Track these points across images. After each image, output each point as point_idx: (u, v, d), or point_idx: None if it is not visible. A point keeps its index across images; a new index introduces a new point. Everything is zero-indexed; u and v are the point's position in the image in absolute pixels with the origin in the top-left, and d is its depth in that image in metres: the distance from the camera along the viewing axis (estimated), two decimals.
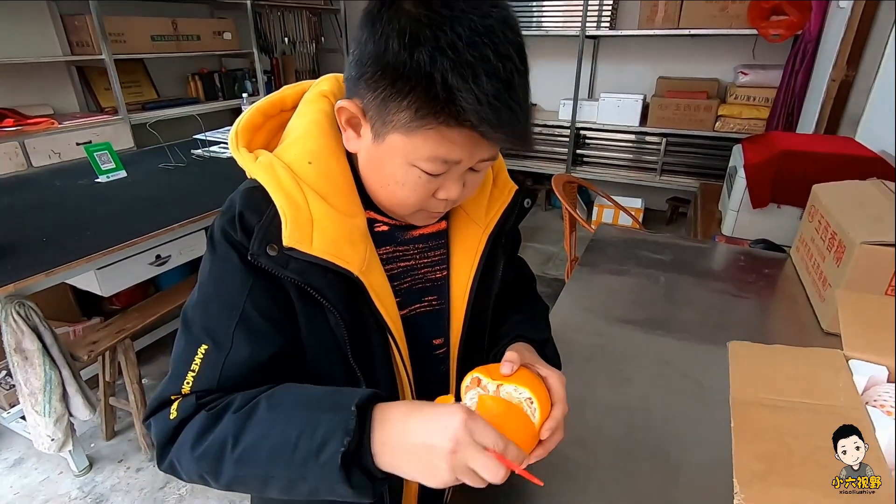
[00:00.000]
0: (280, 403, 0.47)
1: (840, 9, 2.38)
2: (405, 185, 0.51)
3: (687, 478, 0.68)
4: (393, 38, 0.44)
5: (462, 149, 0.48)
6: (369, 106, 0.49)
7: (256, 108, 0.58)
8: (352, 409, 0.44)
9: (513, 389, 0.49)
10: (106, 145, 2.09)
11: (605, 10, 3.27)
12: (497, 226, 0.62)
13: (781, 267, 1.31)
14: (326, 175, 0.53)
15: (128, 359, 1.66)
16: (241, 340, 0.51)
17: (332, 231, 0.51)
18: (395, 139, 0.48)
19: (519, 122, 0.46)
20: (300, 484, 0.45)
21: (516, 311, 0.71)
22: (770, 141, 1.66)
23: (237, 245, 0.51)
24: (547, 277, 2.94)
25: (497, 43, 0.43)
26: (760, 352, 0.60)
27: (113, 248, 1.47)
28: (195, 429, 0.48)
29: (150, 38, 2.89)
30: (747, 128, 3.10)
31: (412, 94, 0.44)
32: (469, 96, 0.43)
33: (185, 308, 0.54)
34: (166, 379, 0.52)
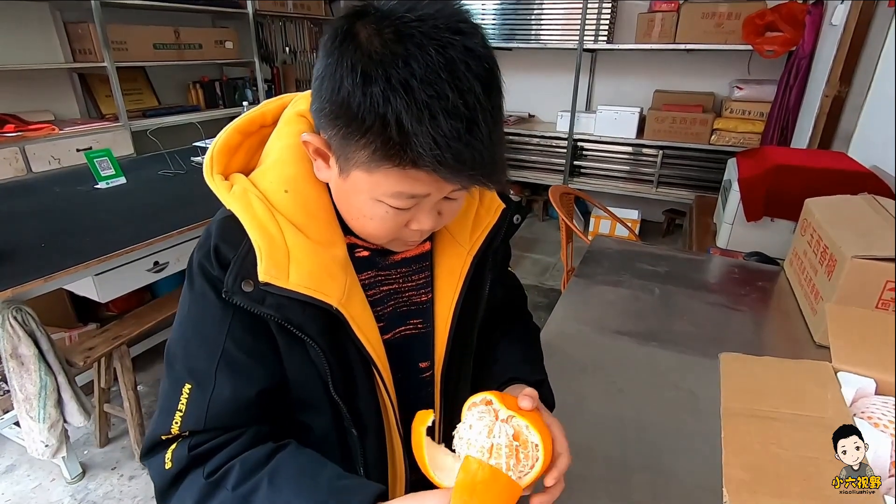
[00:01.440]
0: (282, 488, 0.46)
1: (833, 26, 2.42)
2: (373, 220, 0.49)
3: (679, 488, 0.68)
4: (347, 75, 0.41)
5: (426, 184, 0.45)
6: (332, 141, 0.47)
7: (234, 126, 0.55)
8: None
9: (524, 427, 0.46)
10: (106, 152, 2.10)
11: (602, 24, 3.32)
12: (482, 247, 0.60)
13: (775, 280, 1.32)
14: (303, 204, 0.52)
15: (123, 365, 1.65)
16: (223, 379, 0.50)
17: (309, 264, 0.49)
18: (358, 175, 0.46)
19: (484, 161, 0.42)
20: None
21: (509, 344, 0.69)
22: (764, 155, 1.68)
23: (214, 280, 0.50)
24: (544, 287, 2.95)
25: (458, 77, 0.40)
26: (751, 364, 0.61)
27: (111, 255, 1.48)
28: (193, 495, 0.48)
29: (153, 46, 2.91)
30: (742, 141, 3.14)
31: (368, 134, 0.42)
32: (425, 140, 0.40)
33: (168, 344, 0.53)
34: (156, 416, 0.52)
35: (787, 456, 0.47)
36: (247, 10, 3.38)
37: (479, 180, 0.45)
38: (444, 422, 0.67)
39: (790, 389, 0.56)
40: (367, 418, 0.57)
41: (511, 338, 0.70)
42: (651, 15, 3.18)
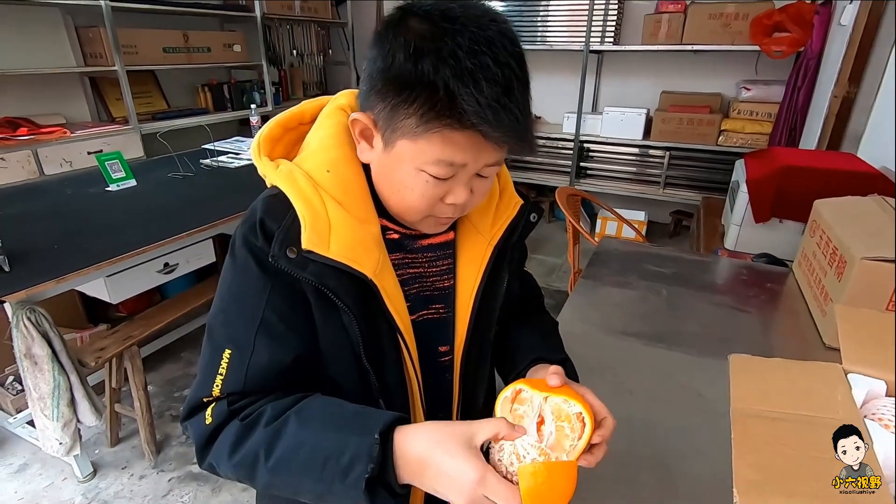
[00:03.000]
0: (309, 421, 0.50)
1: (841, 26, 2.41)
2: (414, 190, 0.53)
3: (687, 488, 0.68)
4: (399, 52, 0.47)
5: (466, 152, 0.50)
6: (379, 116, 0.52)
7: (276, 121, 0.61)
8: (375, 437, 0.46)
9: (562, 401, 0.48)
10: (117, 154, 2.13)
11: (608, 25, 3.32)
12: (502, 238, 0.64)
13: (783, 281, 1.32)
14: (343, 183, 0.56)
15: (134, 365, 1.67)
16: (262, 345, 0.53)
17: (348, 236, 0.53)
18: (403, 145, 0.51)
19: (519, 123, 0.48)
20: (328, 497, 0.49)
21: (529, 331, 0.73)
22: (772, 156, 1.67)
23: (257, 251, 0.54)
24: (550, 289, 2.95)
25: (496, 52, 0.46)
26: (760, 365, 0.62)
27: (122, 256, 1.50)
28: (230, 438, 0.51)
29: (162, 50, 2.95)
30: (750, 142, 3.12)
31: (417, 100, 0.47)
32: (470, 100, 0.45)
33: (209, 317, 0.57)
34: (196, 384, 0.55)
35: (796, 456, 0.48)
36: (255, 13, 3.41)
37: (514, 142, 0.50)
38: (462, 406, 0.70)
39: (800, 390, 0.56)
40: (394, 389, 0.60)
41: (530, 327, 0.73)
42: (658, 16, 3.17)
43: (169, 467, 1.74)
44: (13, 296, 1.28)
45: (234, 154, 2.66)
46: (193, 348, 2.38)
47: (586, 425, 0.46)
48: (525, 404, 0.49)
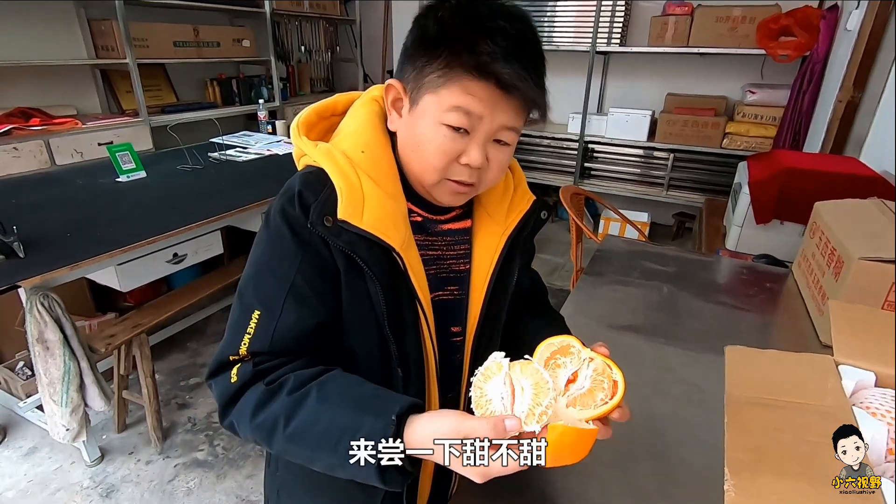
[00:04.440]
0: (329, 397, 0.53)
1: (847, 31, 2.42)
2: (432, 143, 0.57)
3: (684, 477, 0.71)
4: (430, 20, 0.56)
5: (482, 102, 0.55)
6: (409, 79, 0.58)
7: (313, 108, 0.66)
8: (392, 419, 0.49)
9: (607, 365, 0.53)
10: (127, 146, 2.16)
11: (615, 26, 3.34)
12: (515, 229, 0.68)
13: (783, 281, 1.34)
14: (376, 163, 0.60)
15: (143, 353, 1.70)
16: (290, 308, 0.57)
17: (379, 210, 0.57)
18: (427, 100, 0.57)
19: (531, 77, 0.54)
20: (339, 470, 0.51)
21: (540, 319, 0.77)
22: (775, 159, 1.69)
23: (292, 220, 0.58)
24: (553, 288, 2.97)
25: (513, 19, 0.54)
26: (755, 356, 0.64)
27: (133, 245, 1.53)
28: (253, 400, 0.54)
29: (173, 44, 2.98)
30: (754, 146, 3.13)
31: (442, 54, 0.54)
32: (486, 47, 0.52)
33: (241, 281, 0.61)
34: (223, 343, 0.58)
35: (787, 440, 0.50)
36: (264, 9, 3.44)
37: (527, 97, 0.56)
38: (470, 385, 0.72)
39: (792, 380, 0.58)
40: (412, 360, 0.63)
41: (540, 317, 0.78)
42: (664, 18, 3.19)
43: (175, 453, 1.77)
44: (28, 281, 1.31)
45: (241, 148, 2.69)
46: (200, 339, 2.42)
47: (619, 392, 0.51)
48: (568, 357, 0.54)
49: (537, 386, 0.49)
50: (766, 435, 0.51)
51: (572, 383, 0.53)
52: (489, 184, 0.63)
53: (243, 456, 1.77)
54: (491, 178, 0.62)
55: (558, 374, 0.53)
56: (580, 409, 0.51)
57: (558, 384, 0.52)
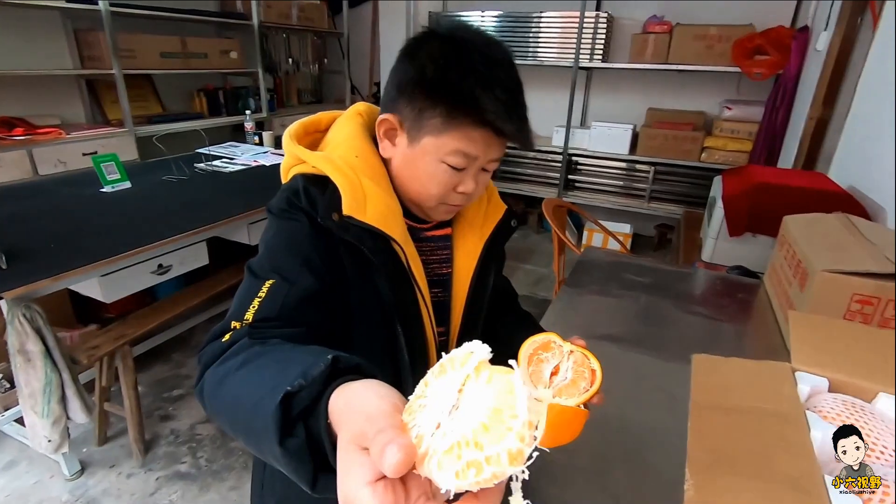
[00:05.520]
0: (289, 349, 0.47)
1: (817, 52, 2.53)
2: (433, 178, 0.63)
3: (655, 480, 0.74)
4: (428, 64, 0.60)
5: (479, 146, 0.61)
6: (406, 117, 0.62)
7: (300, 123, 0.70)
8: (327, 358, 0.38)
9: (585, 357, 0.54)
10: (112, 157, 2.16)
11: (598, 43, 3.43)
12: (491, 236, 0.75)
13: (755, 292, 1.39)
14: (371, 166, 0.65)
15: (125, 364, 1.69)
16: (305, 276, 0.58)
17: (381, 206, 0.62)
18: (428, 141, 0.61)
19: (524, 124, 0.61)
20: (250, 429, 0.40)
21: (514, 318, 0.85)
22: (747, 174, 1.76)
23: (304, 210, 0.61)
24: (537, 298, 3.00)
25: (505, 69, 0.60)
26: (720, 363, 0.68)
27: (117, 257, 1.53)
28: (229, 350, 0.49)
29: (160, 55, 2.99)
30: (731, 160, 3.23)
31: (445, 103, 0.59)
32: (489, 101, 0.58)
33: (250, 262, 0.61)
34: (228, 315, 0.55)
35: (744, 442, 0.53)
36: (252, 21, 3.47)
37: (521, 138, 0.62)
38: None
39: (752, 386, 0.62)
40: (416, 345, 0.68)
41: (516, 317, 0.85)
42: (644, 36, 3.29)
43: (157, 466, 1.75)
44: (10, 292, 1.30)
45: (228, 159, 2.70)
46: (184, 350, 2.40)
47: (597, 380, 0.54)
48: (550, 352, 0.57)
49: (495, 415, 0.32)
50: (724, 437, 0.54)
51: (555, 375, 0.57)
52: (473, 200, 0.70)
53: (227, 468, 1.76)
54: (476, 195, 0.68)
55: (542, 368, 0.57)
56: (566, 398, 0.55)
57: (543, 377, 0.56)
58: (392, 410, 0.32)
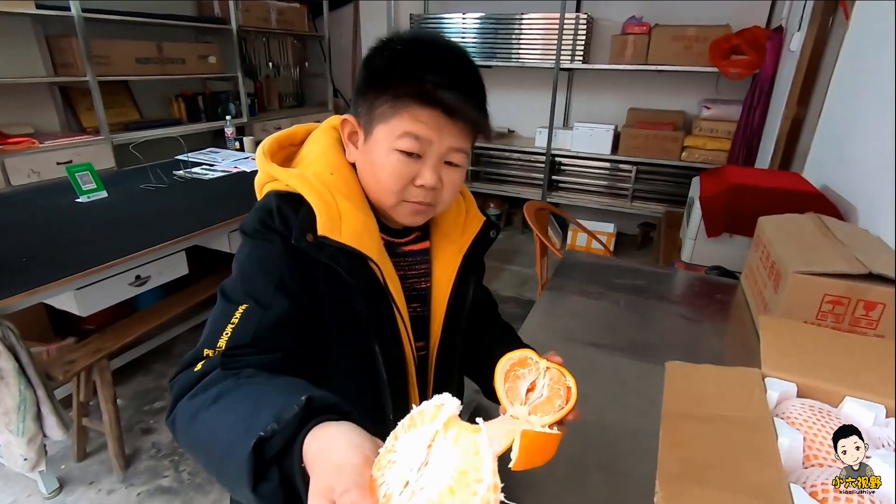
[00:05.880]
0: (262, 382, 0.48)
1: (791, 52, 2.57)
2: (386, 168, 0.61)
3: (633, 486, 0.74)
4: (377, 59, 0.61)
5: (430, 128, 0.59)
6: (362, 113, 0.63)
7: (274, 138, 0.69)
8: (300, 400, 0.39)
9: (560, 374, 0.56)
10: (87, 166, 2.12)
11: (578, 45, 3.45)
12: (470, 248, 0.74)
13: (733, 292, 1.41)
14: (346, 183, 0.64)
15: (103, 378, 1.66)
16: (279, 300, 0.57)
17: (356, 225, 0.61)
18: (379, 130, 0.61)
19: (472, 102, 0.60)
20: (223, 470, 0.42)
21: (496, 332, 0.83)
22: (724, 174, 1.78)
23: (277, 231, 0.60)
24: (522, 299, 3.02)
25: (456, 57, 0.61)
26: (692, 371, 0.68)
27: (93, 269, 1.50)
28: (202, 381, 0.49)
29: (135, 61, 2.94)
30: (711, 158, 3.27)
31: (390, 87, 0.59)
32: (432, 77, 0.57)
33: (223, 285, 0.60)
34: (200, 341, 0.54)
35: (713, 451, 0.54)
36: (230, 25, 3.43)
37: (472, 121, 0.61)
38: (436, 394, 0.76)
39: (723, 393, 0.63)
40: (395, 364, 0.67)
41: (496, 328, 0.84)
42: (624, 37, 3.32)
43: (138, 481, 1.72)
44: None
45: (208, 165, 2.67)
46: (165, 360, 2.36)
47: (572, 397, 0.55)
48: (527, 368, 0.58)
49: (461, 477, 0.33)
50: (695, 447, 0.55)
51: (531, 392, 0.57)
52: (445, 203, 0.68)
53: (210, 481, 1.73)
54: (446, 197, 0.66)
55: (518, 385, 0.57)
56: (541, 416, 0.55)
57: (520, 394, 0.57)
58: (362, 464, 0.34)
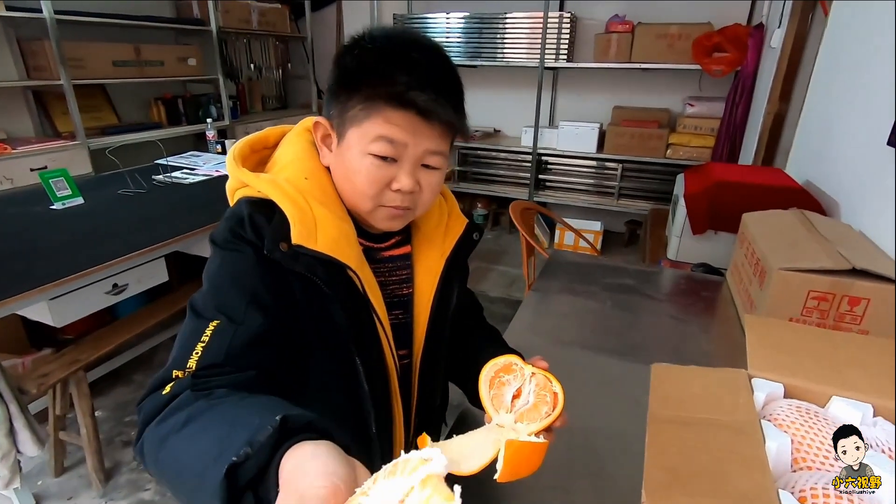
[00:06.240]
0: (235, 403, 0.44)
1: (772, 48, 2.59)
2: (360, 173, 0.59)
3: (620, 493, 0.73)
4: (348, 58, 0.58)
5: (405, 131, 0.57)
6: (334, 115, 0.60)
7: (245, 141, 0.66)
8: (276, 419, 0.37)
9: (546, 379, 0.55)
10: (62, 172, 2.06)
11: (562, 43, 3.45)
12: (453, 252, 0.71)
13: (719, 290, 1.40)
14: (322, 187, 0.62)
15: (80, 391, 1.61)
16: (252, 315, 0.54)
17: (333, 232, 0.59)
18: (352, 133, 0.59)
19: (447, 102, 0.57)
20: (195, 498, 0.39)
21: (481, 336, 0.81)
22: (708, 171, 1.79)
23: (249, 240, 0.57)
24: (510, 300, 3.00)
25: (429, 54, 0.58)
26: (678, 373, 0.67)
27: (67, 278, 1.45)
28: (171, 405, 0.46)
29: (112, 64, 2.88)
30: (695, 155, 3.29)
31: (362, 89, 0.57)
32: (404, 77, 0.55)
33: (193, 299, 0.56)
34: (169, 361, 0.51)
35: (699, 457, 0.52)
36: (210, 26, 3.37)
37: (447, 123, 0.58)
38: (419, 404, 0.75)
39: (709, 396, 0.61)
40: (376, 375, 0.64)
41: (481, 334, 0.81)
42: (608, 35, 3.32)
43: (118, 495, 1.67)
44: None
45: (189, 169, 2.61)
46: (146, 370, 2.31)
47: (559, 403, 0.54)
48: (512, 374, 0.57)
49: None
50: (681, 453, 0.53)
51: (517, 399, 0.56)
52: (424, 207, 0.65)
53: None
54: (425, 201, 0.64)
55: (504, 391, 0.56)
56: (528, 424, 0.54)
57: (505, 401, 0.55)
58: (327, 496, 0.32)
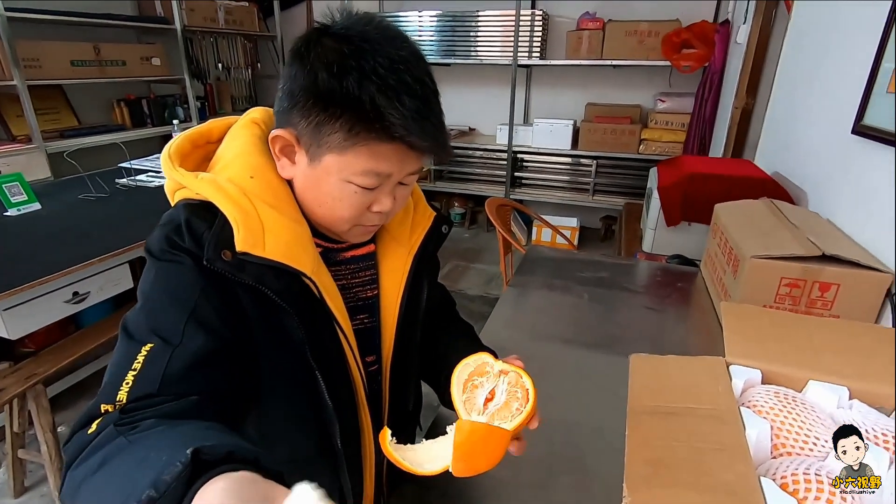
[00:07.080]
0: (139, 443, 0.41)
1: (738, 44, 2.64)
2: (342, 201, 0.55)
3: (602, 488, 0.71)
4: (321, 69, 0.49)
5: (391, 162, 0.53)
6: (303, 132, 0.53)
7: (185, 136, 0.60)
8: (187, 453, 0.34)
9: (518, 375, 0.53)
10: (17, 176, 1.96)
11: (535, 41, 3.46)
12: (420, 248, 0.67)
13: (693, 280, 1.41)
14: (270, 187, 0.56)
15: (39, 406, 1.53)
16: (192, 334, 0.49)
17: (284, 235, 0.53)
18: (330, 159, 0.53)
19: (437, 134, 0.52)
20: None
21: (453, 333, 0.77)
22: (680, 164, 1.80)
23: (187, 249, 0.52)
24: (489, 297, 2.99)
25: (412, 70, 0.50)
26: (656, 363, 0.66)
27: (20, 288, 1.37)
28: (90, 444, 0.42)
29: (70, 63, 2.76)
30: (667, 150, 3.34)
31: (344, 116, 0.50)
32: (395, 113, 0.49)
33: (125, 318, 0.51)
34: (99, 393, 0.46)
35: (681, 448, 0.51)
36: (174, 25, 3.27)
37: (436, 149, 0.54)
38: (391, 412, 0.71)
39: (688, 385, 0.60)
40: (340, 389, 0.60)
41: (453, 331, 0.77)
42: (579, 33, 3.35)
43: None
44: None
45: (154, 173, 2.52)
46: None
47: (530, 400, 0.52)
48: (484, 376, 0.55)
49: None
50: (662, 445, 0.52)
51: (490, 401, 0.54)
52: (394, 214, 0.63)
53: None
54: (396, 210, 0.61)
55: (476, 394, 0.54)
56: (500, 423, 0.51)
57: (477, 404, 0.53)
58: None
